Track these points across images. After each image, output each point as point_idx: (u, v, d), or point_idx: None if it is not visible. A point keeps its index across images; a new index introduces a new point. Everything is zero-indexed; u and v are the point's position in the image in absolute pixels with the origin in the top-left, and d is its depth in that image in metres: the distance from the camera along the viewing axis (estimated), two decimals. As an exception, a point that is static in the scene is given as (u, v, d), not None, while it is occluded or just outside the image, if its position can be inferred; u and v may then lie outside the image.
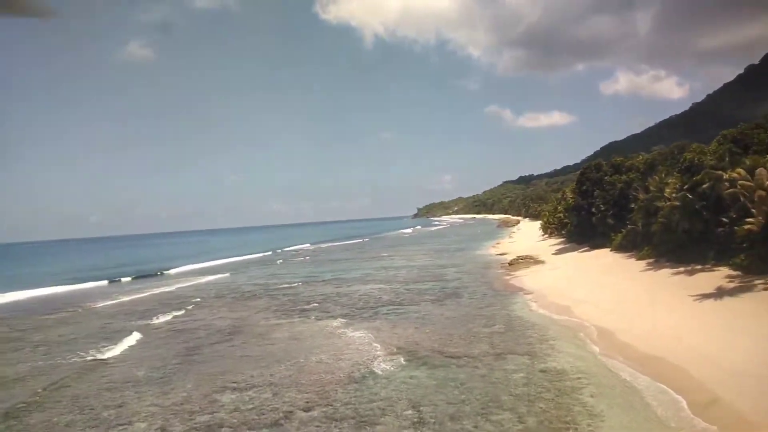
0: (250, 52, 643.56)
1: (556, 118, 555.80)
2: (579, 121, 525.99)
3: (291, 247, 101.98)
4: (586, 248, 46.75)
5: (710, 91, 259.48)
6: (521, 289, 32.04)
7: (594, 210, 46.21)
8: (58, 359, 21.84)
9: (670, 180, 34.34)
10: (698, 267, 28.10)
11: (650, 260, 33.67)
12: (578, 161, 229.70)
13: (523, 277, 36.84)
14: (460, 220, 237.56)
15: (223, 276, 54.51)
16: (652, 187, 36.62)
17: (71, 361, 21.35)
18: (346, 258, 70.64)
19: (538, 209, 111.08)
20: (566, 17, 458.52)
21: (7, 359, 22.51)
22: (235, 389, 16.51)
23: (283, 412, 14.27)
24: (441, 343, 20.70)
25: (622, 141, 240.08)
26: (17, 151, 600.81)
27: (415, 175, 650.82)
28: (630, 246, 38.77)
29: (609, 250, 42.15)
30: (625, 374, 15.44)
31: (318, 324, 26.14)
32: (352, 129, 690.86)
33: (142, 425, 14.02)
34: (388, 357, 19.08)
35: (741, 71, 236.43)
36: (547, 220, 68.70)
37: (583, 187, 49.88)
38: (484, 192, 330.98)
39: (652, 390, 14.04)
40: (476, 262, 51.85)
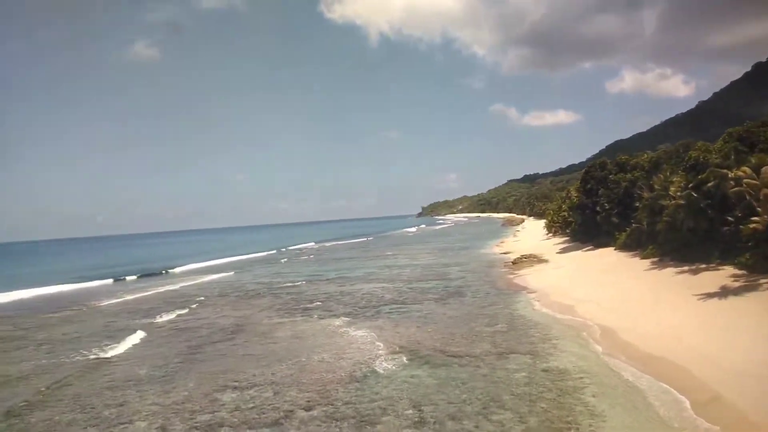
0: (255, 52, 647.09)
1: (562, 117, 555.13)
2: (584, 120, 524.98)
3: (295, 246, 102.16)
4: (591, 247, 46.48)
5: (717, 89, 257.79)
6: (524, 288, 31.93)
7: (598, 209, 45.95)
8: (62, 358, 21.95)
9: (675, 178, 34.08)
10: (703, 266, 27.86)
11: (654, 259, 33.45)
12: (583, 160, 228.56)
13: (526, 276, 36.72)
14: (465, 219, 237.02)
15: (227, 275, 54.65)
16: (656, 186, 36.34)
17: (74, 360, 21.47)
18: (350, 257, 70.65)
19: (542, 208, 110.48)
20: (571, 15, 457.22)
21: (11, 357, 22.67)
22: (236, 388, 16.53)
23: (284, 412, 14.28)
24: (443, 342, 20.65)
25: (627, 139, 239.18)
26: (20, 151, 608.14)
27: (420, 174, 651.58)
28: (634, 245, 38.54)
29: (613, 248, 41.91)
30: (628, 374, 15.35)
31: (320, 323, 26.15)
32: (357, 128, 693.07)
33: (143, 424, 14.06)
34: (390, 356, 19.06)
35: (748, 69, 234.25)
36: (552, 218, 68.38)
37: (587, 186, 49.58)
38: (489, 191, 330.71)
39: (654, 390, 13.94)
40: (480, 260, 51.69)
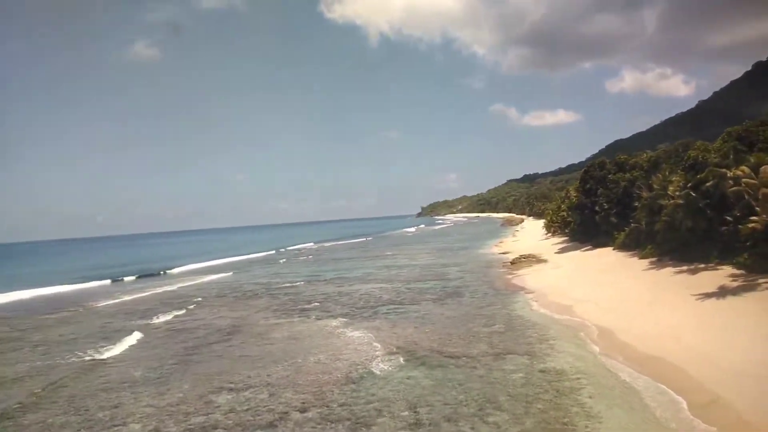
0: (255, 52, 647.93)
1: (562, 117, 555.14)
2: (584, 120, 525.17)
3: (294, 246, 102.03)
4: (589, 247, 46.38)
5: (717, 88, 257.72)
6: (523, 288, 31.83)
7: (597, 208, 45.84)
8: (57, 359, 21.85)
9: (673, 178, 33.95)
10: (701, 266, 27.76)
11: (653, 259, 33.35)
12: (583, 159, 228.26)
13: (525, 276, 36.63)
14: (464, 219, 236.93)
15: (225, 275, 54.55)
16: (655, 185, 36.21)
17: (69, 361, 21.36)
18: (348, 257, 70.54)
19: (542, 208, 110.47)
20: (571, 15, 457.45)
21: (6, 359, 22.56)
22: (231, 390, 16.44)
23: (279, 413, 14.18)
24: (440, 342, 20.56)
25: (627, 139, 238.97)
26: (20, 151, 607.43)
27: (420, 174, 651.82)
28: (633, 245, 38.43)
29: (612, 248, 41.81)
30: (625, 375, 15.26)
31: (318, 323, 26.05)
32: (357, 128, 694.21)
33: (137, 426, 13.97)
34: (387, 357, 18.97)
35: (748, 68, 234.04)
36: (551, 218, 68.30)
37: (586, 186, 49.46)
38: (489, 190, 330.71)
39: (651, 390, 13.86)
40: (479, 261, 51.60)
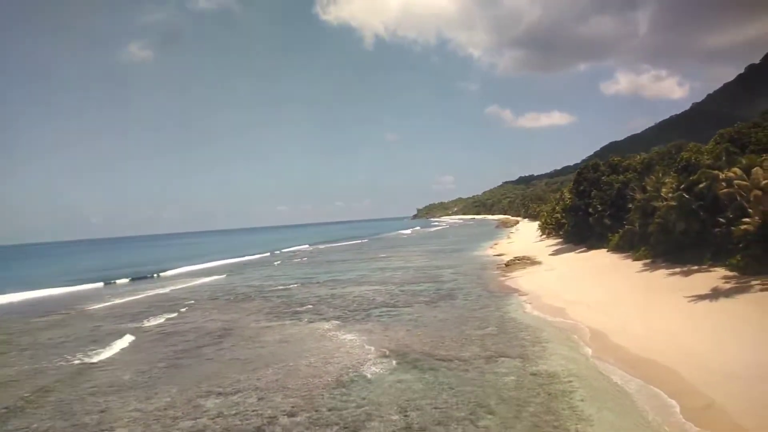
0: (250, 54, 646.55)
1: (556, 119, 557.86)
2: (579, 122, 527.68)
3: (289, 249, 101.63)
4: (583, 249, 46.42)
5: (711, 90, 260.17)
6: (516, 291, 31.74)
7: (591, 210, 45.92)
8: (45, 363, 21.55)
9: (667, 180, 34.05)
10: (695, 268, 27.80)
11: (647, 261, 33.39)
12: (578, 161, 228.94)
13: (518, 278, 36.55)
14: (460, 221, 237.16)
15: (218, 278, 54.20)
16: (649, 187, 36.30)
17: (58, 365, 21.07)
18: (343, 259, 70.31)
19: (537, 210, 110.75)
20: (566, 17, 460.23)
21: (-6, 363, 22.22)
22: (220, 394, 16.23)
23: (267, 418, 13.99)
24: (432, 345, 20.41)
25: (622, 141, 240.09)
26: (19, 154, 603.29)
27: (416, 176, 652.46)
28: (627, 246, 38.47)
29: (606, 250, 41.85)
30: (617, 377, 15.17)
31: (310, 326, 25.84)
32: (352, 130, 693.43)
33: (123, 431, 13.74)
34: (378, 360, 18.81)
35: (742, 71, 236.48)
36: (545, 220, 68.40)
37: (580, 188, 49.56)
38: (484, 192, 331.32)
39: (643, 393, 13.77)
40: (473, 263, 51.51)
